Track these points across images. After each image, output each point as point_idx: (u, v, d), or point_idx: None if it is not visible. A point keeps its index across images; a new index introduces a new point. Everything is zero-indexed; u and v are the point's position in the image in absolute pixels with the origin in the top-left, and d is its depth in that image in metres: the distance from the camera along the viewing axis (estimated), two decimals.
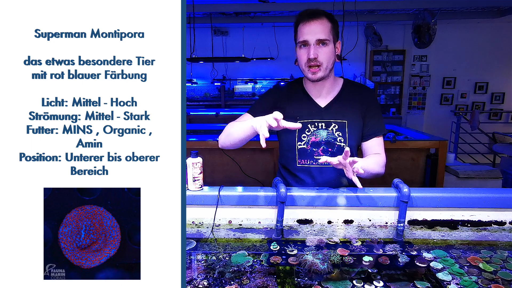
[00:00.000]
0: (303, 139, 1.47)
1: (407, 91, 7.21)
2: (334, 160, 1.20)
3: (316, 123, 1.46)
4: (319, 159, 1.44)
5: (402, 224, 1.27)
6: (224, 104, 7.22)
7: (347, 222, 1.33)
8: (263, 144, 1.07)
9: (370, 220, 1.33)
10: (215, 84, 7.39)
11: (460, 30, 6.80)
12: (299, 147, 1.47)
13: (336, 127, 1.45)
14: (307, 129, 1.46)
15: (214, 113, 5.37)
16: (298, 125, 1.12)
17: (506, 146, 5.19)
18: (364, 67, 7.27)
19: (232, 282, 0.99)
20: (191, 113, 5.39)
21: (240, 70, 7.51)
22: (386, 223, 1.32)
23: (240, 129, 1.30)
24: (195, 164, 1.31)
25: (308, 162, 1.48)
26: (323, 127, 1.46)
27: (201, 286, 0.97)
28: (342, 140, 1.45)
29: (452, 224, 1.31)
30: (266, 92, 1.57)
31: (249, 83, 7.48)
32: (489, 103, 7.14)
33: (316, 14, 1.36)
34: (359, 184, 1.21)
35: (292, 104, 1.49)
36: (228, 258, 1.11)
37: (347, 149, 1.16)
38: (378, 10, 5.89)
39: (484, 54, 6.88)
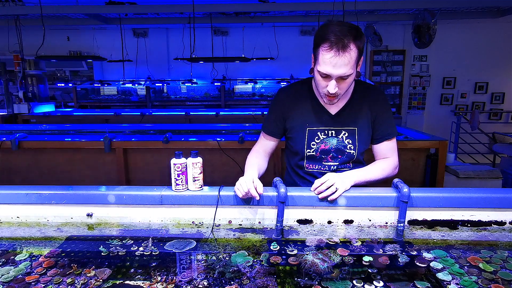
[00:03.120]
0: (312, 146, 1.44)
1: (407, 91, 7.22)
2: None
3: (326, 131, 1.42)
4: (328, 165, 1.45)
5: (402, 224, 1.27)
6: (224, 104, 7.22)
7: (347, 222, 1.33)
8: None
9: (370, 220, 1.33)
10: (215, 84, 7.40)
11: (460, 30, 6.81)
12: (308, 154, 1.45)
13: (346, 134, 1.42)
14: (317, 137, 1.43)
15: (214, 113, 5.35)
16: (257, 197, 1.25)
17: (506, 146, 5.19)
18: (364, 67, 7.26)
19: (232, 282, 0.99)
20: (191, 113, 5.37)
21: (240, 70, 7.52)
22: (386, 223, 1.32)
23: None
24: (195, 164, 1.31)
25: (317, 167, 1.47)
26: (333, 135, 1.42)
27: (201, 286, 0.97)
28: (352, 148, 1.43)
29: (452, 224, 1.31)
30: (273, 103, 1.50)
31: (249, 83, 7.48)
32: (489, 103, 7.15)
33: (345, 46, 1.17)
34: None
35: (301, 111, 1.44)
36: (228, 258, 1.11)
37: None
38: (378, 10, 5.89)
39: (484, 54, 6.88)
